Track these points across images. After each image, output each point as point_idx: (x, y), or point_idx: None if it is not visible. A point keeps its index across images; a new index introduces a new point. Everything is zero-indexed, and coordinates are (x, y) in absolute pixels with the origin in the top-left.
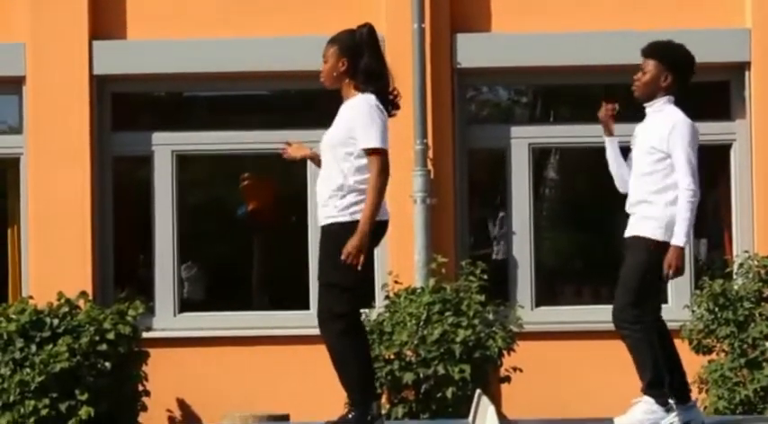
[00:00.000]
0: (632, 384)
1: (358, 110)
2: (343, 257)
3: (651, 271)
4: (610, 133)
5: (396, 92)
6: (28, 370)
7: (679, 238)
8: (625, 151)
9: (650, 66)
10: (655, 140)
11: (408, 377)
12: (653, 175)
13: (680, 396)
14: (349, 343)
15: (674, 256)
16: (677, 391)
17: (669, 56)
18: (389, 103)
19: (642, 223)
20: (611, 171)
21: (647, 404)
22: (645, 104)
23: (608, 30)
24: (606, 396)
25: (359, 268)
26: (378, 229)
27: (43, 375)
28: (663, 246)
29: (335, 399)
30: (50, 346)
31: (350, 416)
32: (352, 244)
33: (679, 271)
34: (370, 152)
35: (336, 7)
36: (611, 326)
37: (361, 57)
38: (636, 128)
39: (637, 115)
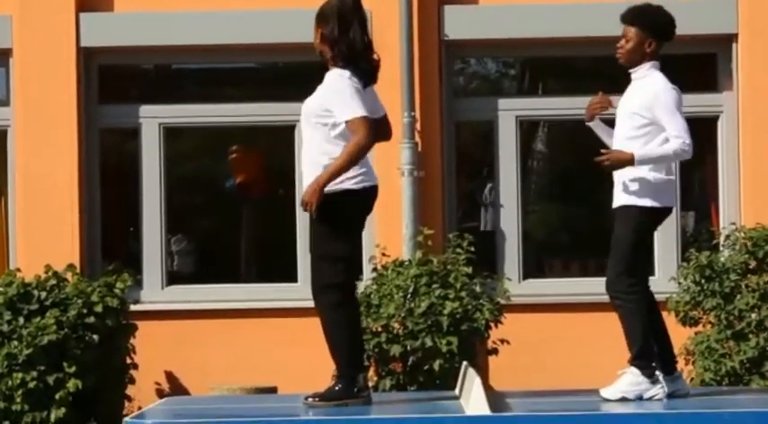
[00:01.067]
0: (619, 356)
1: (331, 86)
2: (301, 205)
3: (641, 239)
4: (590, 119)
5: (375, 63)
6: (15, 343)
7: (638, 154)
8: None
9: (632, 33)
10: (636, 106)
11: (395, 350)
12: (635, 140)
13: (666, 367)
14: (342, 314)
15: (618, 155)
16: (663, 362)
17: (650, 21)
18: (367, 74)
19: (627, 191)
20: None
21: (632, 376)
22: (630, 70)
23: (597, 2)
24: (593, 368)
25: (312, 212)
26: (368, 194)
27: (31, 348)
28: (650, 212)
29: (323, 371)
30: (38, 319)
31: (336, 387)
32: (306, 192)
33: (611, 167)
34: (353, 121)
35: None
36: (598, 298)
37: (327, 26)
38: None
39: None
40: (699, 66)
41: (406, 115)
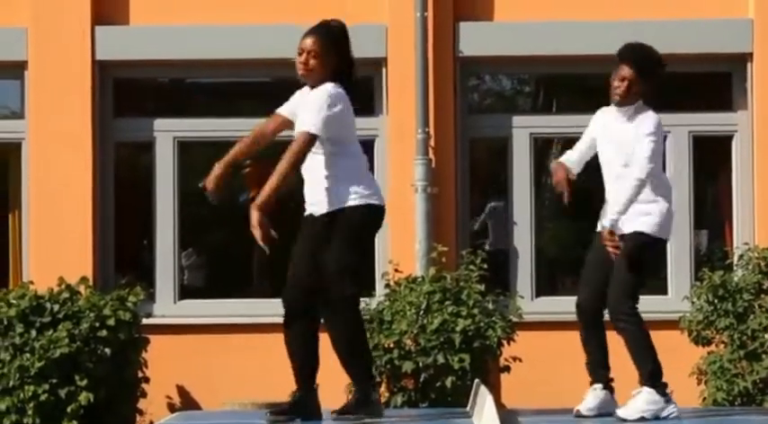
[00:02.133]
0: (631, 375)
1: (316, 96)
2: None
3: (644, 266)
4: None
5: (355, 84)
6: (28, 355)
7: (611, 221)
8: None
9: (626, 71)
10: (629, 141)
11: (408, 366)
12: (629, 172)
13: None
14: (360, 327)
15: (611, 240)
16: None
17: (645, 61)
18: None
19: (639, 218)
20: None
21: (649, 394)
22: (618, 108)
23: (611, 20)
24: None
25: (261, 243)
26: (383, 212)
27: (43, 361)
28: (655, 242)
29: (334, 387)
30: (50, 331)
31: (359, 399)
32: (253, 219)
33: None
34: (302, 132)
35: None
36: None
37: (345, 46)
38: (604, 121)
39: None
40: (713, 84)
41: (420, 131)
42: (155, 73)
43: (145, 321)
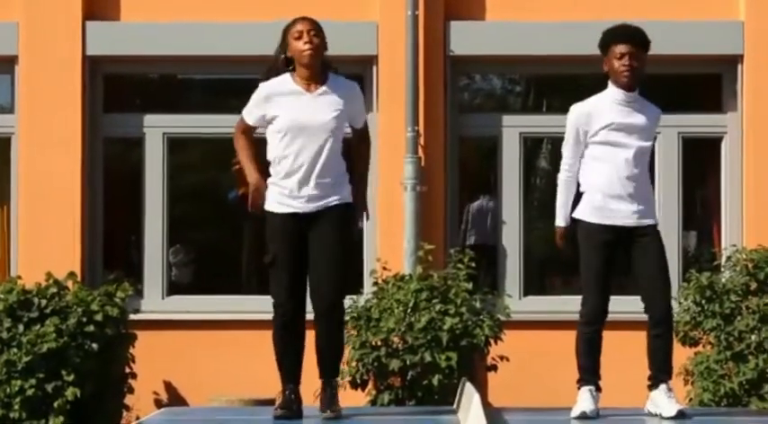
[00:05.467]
0: (618, 374)
1: (357, 92)
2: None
3: None
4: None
5: None
6: (15, 350)
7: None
8: None
9: (643, 55)
10: (651, 127)
11: (395, 364)
12: (643, 160)
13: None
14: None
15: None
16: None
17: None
18: None
19: (649, 211)
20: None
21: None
22: (626, 92)
23: (602, 21)
24: None
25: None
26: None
27: (30, 356)
28: None
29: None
30: (38, 326)
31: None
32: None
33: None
34: (364, 129)
35: None
36: None
37: None
38: (608, 113)
39: None
40: (704, 86)
41: (410, 130)
42: (145, 69)
43: (132, 316)
